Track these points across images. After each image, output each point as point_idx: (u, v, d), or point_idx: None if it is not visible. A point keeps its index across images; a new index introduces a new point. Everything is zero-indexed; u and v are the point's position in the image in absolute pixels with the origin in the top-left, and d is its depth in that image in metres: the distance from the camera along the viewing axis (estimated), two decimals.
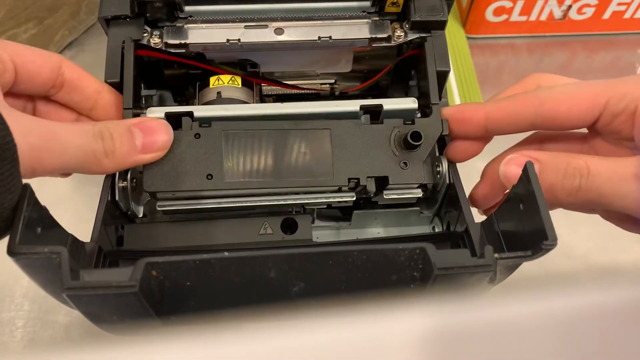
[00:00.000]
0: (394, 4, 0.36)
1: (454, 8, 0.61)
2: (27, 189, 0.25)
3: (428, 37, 0.37)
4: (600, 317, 0.18)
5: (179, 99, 0.43)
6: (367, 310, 0.18)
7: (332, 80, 0.41)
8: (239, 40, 0.36)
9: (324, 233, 0.41)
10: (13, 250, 0.24)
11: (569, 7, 0.56)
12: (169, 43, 0.36)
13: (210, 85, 0.38)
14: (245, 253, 0.27)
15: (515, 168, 0.30)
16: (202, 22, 0.36)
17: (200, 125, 0.34)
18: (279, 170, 0.34)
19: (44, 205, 0.27)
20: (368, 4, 0.37)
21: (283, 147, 0.34)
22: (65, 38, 0.55)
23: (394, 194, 0.36)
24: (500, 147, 0.37)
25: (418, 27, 0.37)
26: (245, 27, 0.36)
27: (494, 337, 0.18)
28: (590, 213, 0.35)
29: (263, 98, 0.40)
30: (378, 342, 0.18)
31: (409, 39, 0.37)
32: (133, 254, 0.34)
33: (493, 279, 0.28)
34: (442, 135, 0.35)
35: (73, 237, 0.30)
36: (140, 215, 0.36)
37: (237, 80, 0.38)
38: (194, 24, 0.36)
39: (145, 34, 0.36)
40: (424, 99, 0.36)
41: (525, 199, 0.28)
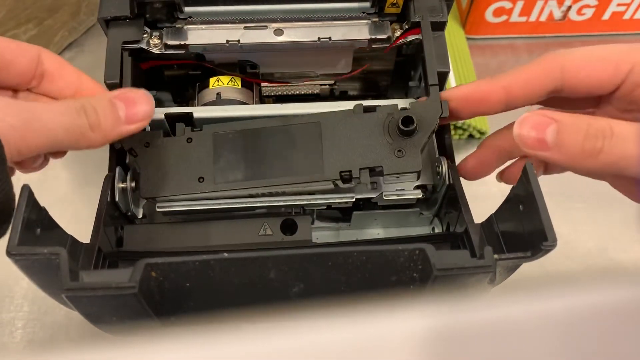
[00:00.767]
0: (394, 5, 0.36)
1: (454, 9, 0.60)
2: (26, 190, 0.25)
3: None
4: (600, 317, 0.18)
5: (179, 100, 0.43)
6: (366, 311, 0.18)
7: (331, 81, 0.41)
8: (239, 41, 0.36)
9: (324, 234, 0.41)
10: (12, 252, 0.24)
11: (569, 7, 0.56)
12: (169, 44, 0.36)
13: (210, 86, 0.38)
14: (245, 254, 0.27)
15: (529, 130, 0.28)
16: (201, 23, 0.36)
17: (192, 130, 0.34)
18: (269, 169, 0.33)
19: (44, 207, 0.27)
20: (368, 5, 0.37)
21: (273, 145, 0.34)
22: (65, 39, 0.55)
23: (394, 195, 0.36)
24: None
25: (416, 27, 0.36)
26: (245, 28, 0.36)
27: (494, 337, 0.18)
28: (599, 179, 0.33)
29: (263, 99, 0.40)
30: (377, 343, 0.18)
31: (409, 40, 0.37)
32: (133, 255, 0.34)
33: (493, 280, 0.28)
34: (441, 131, 0.35)
35: (72, 238, 0.30)
36: (140, 216, 0.36)
37: (236, 81, 0.38)
38: (194, 25, 0.36)
39: (145, 35, 0.36)
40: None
41: (525, 200, 0.28)
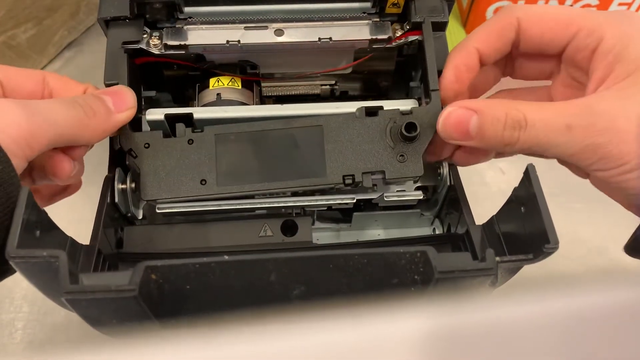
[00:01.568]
0: (395, 5, 0.36)
1: (454, 8, 0.60)
2: (25, 192, 0.25)
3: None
4: (601, 317, 0.18)
5: (179, 101, 0.43)
6: (367, 313, 0.18)
7: (332, 82, 0.41)
8: (239, 42, 0.36)
9: (324, 235, 0.41)
10: (11, 254, 0.24)
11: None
12: (169, 44, 0.36)
13: (210, 87, 0.38)
14: (246, 256, 0.26)
15: (453, 125, 0.31)
16: (201, 23, 0.36)
17: (194, 131, 0.34)
18: (271, 172, 0.33)
19: (43, 208, 0.27)
20: (368, 5, 0.37)
21: (275, 147, 0.34)
22: (65, 38, 0.54)
23: (395, 196, 0.36)
24: None
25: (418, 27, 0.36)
26: (245, 28, 0.36)
27: (494, 338, 0.18)
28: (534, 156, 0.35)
29: (263, 99, 0.40)
30: (379, 344, 0.18)
31: (410, 40, 0.37)
32: (133, 257, 0.34)
33: (494, 282, 0.28)
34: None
35: (72, 239, 0.29)
36: (140, 218, 0.36)
37: (237, 82, 0.38)
38: (194, 25, 0.36)
39: (145, 35, 0.36)
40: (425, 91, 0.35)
41: (527, 202, 0.28)
